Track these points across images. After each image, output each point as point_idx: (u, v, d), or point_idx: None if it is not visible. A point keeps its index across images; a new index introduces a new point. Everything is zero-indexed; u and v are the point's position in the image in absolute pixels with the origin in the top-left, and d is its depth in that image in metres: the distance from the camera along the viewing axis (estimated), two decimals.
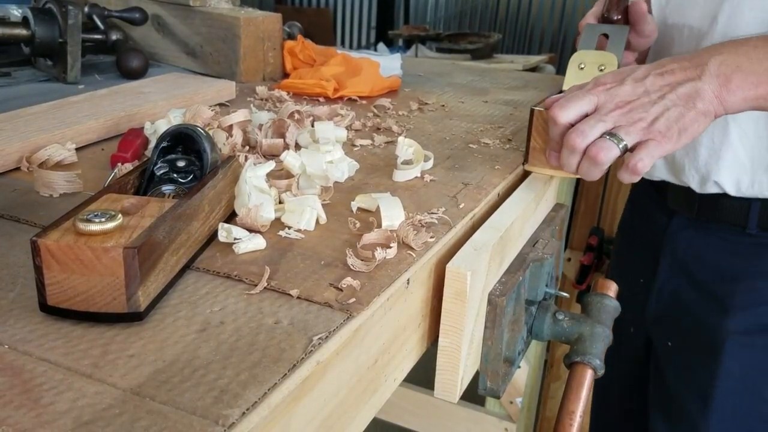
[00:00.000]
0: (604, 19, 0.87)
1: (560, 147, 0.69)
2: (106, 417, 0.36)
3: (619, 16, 0.87)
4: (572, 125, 0.68)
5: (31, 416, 0.36)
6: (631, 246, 1.13)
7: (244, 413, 0.37)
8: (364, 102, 1.06)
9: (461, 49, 3.14)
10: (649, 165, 0.65)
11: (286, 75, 1.18)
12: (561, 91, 0.78)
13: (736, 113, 0.72)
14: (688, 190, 0.95)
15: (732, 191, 0.91)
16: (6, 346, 0.42)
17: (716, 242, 0.95)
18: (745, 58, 0.69)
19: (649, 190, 1.07)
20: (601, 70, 0.81)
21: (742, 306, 0.93)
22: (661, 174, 0.99)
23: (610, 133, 0.65)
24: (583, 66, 0.83)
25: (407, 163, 0.76)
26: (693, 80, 0.68)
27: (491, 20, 5.07)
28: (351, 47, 5.35)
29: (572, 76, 0.83)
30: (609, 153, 0.65)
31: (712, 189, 0.92)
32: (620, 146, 0.65)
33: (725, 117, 0.85)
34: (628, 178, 0.66)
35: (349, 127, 0.90)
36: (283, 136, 0.79)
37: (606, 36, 0.85)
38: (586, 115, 0.68)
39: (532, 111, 0.75)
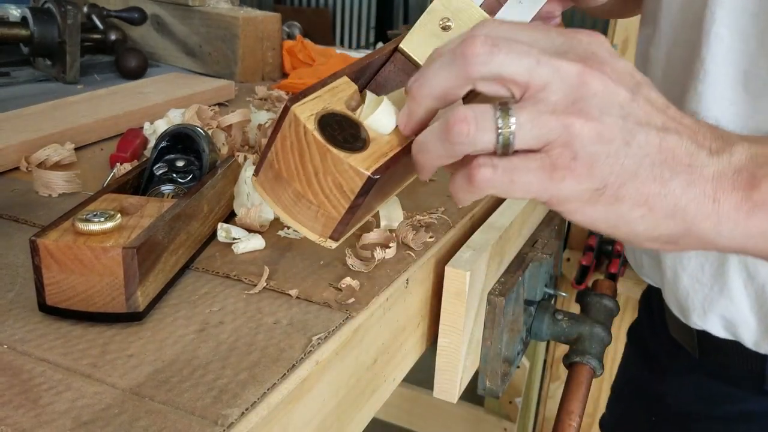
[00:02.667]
0: None
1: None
2: (105, 417, 0.36)
3: None
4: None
5: (30, 416, 0.36)
6: (628, 395, 0.85)
7: (243, 413, 0.37)
8: None
9: None
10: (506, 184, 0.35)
11: (285, 75, 1.18)
12: None
13: (729, 251, 0.39)
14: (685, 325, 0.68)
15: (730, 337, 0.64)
16: (5, 346, 0.42)
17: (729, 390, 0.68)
18: None
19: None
20: None
21: None
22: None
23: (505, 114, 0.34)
24: (449, 23, 0.43)
25: None
26: (696, 146, 0.36)
27: None
28: (350, 47, 5.36)
29: (425, 43, 0.44)
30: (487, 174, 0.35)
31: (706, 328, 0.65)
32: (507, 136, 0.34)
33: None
34: (463, 198, 0.37)
35: None
36: None
37: None
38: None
39: (286, 107, 0.41)
